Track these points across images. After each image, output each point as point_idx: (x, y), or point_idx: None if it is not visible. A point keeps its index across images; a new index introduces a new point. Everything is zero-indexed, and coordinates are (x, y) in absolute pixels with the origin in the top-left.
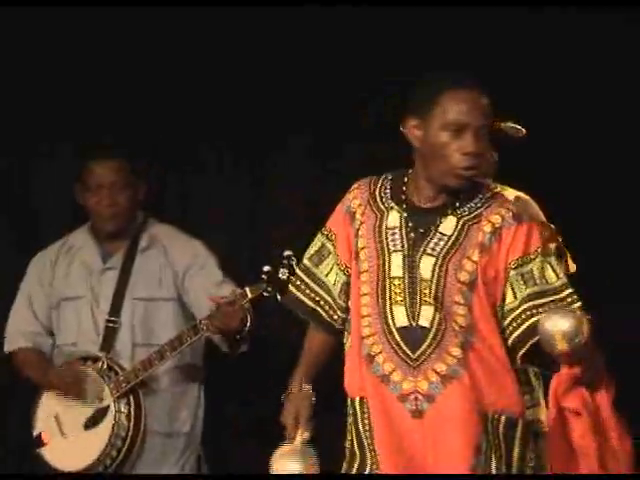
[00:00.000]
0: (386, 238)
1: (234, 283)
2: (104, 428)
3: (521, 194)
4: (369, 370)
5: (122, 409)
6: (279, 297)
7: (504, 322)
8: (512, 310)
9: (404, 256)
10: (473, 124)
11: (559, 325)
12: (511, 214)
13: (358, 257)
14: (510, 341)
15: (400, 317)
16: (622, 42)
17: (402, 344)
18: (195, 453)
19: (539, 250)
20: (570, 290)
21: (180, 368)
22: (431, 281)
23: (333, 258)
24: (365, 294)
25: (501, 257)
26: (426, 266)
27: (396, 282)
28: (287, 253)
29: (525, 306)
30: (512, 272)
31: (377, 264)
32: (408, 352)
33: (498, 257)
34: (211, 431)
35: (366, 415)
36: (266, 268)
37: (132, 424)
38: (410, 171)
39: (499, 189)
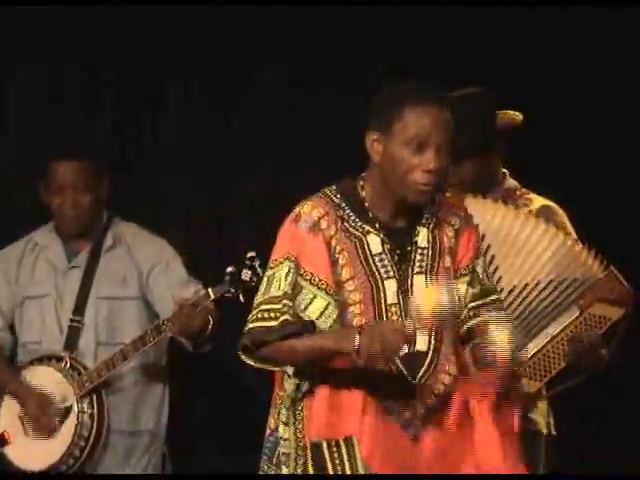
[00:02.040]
0: (375, 265)
1: (198, 282)
2: (67, 428)
3: (550, 203)
4: (368, 403)
5: (85, 409)
6: (242, 298)
7: None
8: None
9: (397, 281)
10: (435, 140)
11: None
12: (463, 214)
13: (344, 287)
14: None
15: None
16: (613, 41)
17: (403, 370)
18: (159, 451)
19: (478, 255)
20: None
21: (143, 367)
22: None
23: (313, 290)
24: (360, 326)
25: (458, 258)
26: (419, 287)
27: (393, 309)
28: (250, 254)
29: (470, 306)
30: (465, 273)
31: (370, 293)
32: (409, 378)
33: (457, 259)
34: (175, 429)
35: (346, 456)
36: (229, 269)
37: (95, 423)
38: (361, 183)
39: (529, 194)
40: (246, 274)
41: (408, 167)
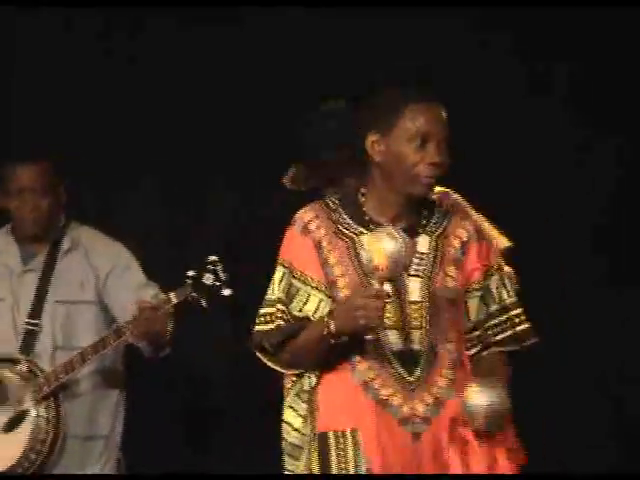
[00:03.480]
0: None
1: (157, 286)
2: (24, 431)
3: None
4: (365, 397)
5: (42, 413)
6: (204, 303)
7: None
8: (475, 327)
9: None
10: (436, 135)
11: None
12: (473, 228)
13: (335, 285)
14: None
15: (394, 341)
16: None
17: (399, 367)
18: (114, 456)
19: (495, 268)
20: (520, 310)
21: (100, 371)
22: (420, 303)
23: (307, 289)
24: None
25: (466, 273)
26: (414, 288)
27: (387, 307)
28: (212, 258)
29: (487, 325)
30: (476, 289)
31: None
32: (405, 376)
33: (466, 272)
34: (131, 434)
35: (351, 447)
36: (191, 273)
37: (52, 428)
38: (362, 190)
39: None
40: (208, 278)
41: (413, 162)
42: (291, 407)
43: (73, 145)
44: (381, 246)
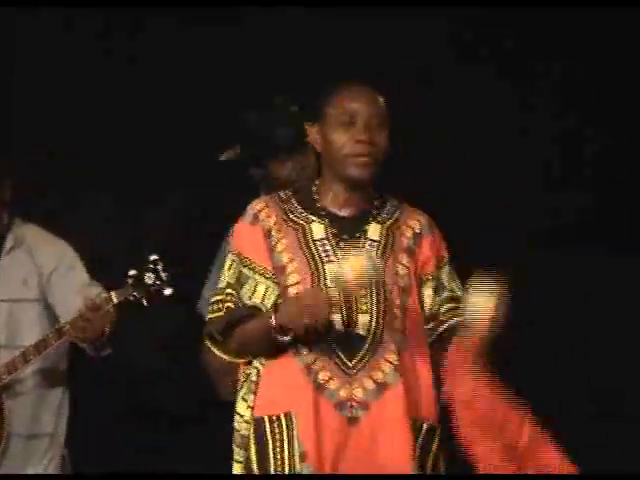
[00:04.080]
0: (316, 250)
1: (100, 285)
2: None
3: None
4: (304, 380)
5: None
6: (145, 302)
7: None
8: (432, 315)
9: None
10: (363, 115)
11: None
12: (426, 221)
13: (284, 271)
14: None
15: (337, 325)
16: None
17: (339, 352)
18: (59, 454)
19: (446, 261)
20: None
21: (43, 370)
22: (369, 289)
23: (255, 276)
24: None
25: (420, 264)
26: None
27: (331, 292)
28: (153, 257)
29: (443, 309)
30: (429, 280)
31: (310, 275)
32: (345, 360)
33: (418, 263)
34: (75, 432)
35: (286, 432)
36: (132, 272)
37: None
38: (316, 182)
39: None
40: (149, 277)
41: (341, 142)
42: (243, 398)
43: (73, 145)
44: (358, 265)
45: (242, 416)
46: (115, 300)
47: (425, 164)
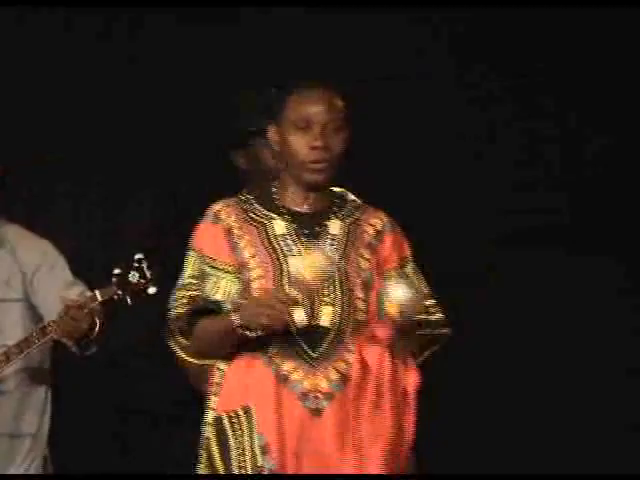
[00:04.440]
0: (278, 245)
1: (84, 284)
2: None
3: None
4: (267, 372)
5: None
6: (129, 300)
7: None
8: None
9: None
10: (319, 120)
11: (401, 296)
12: (388, 220)
13: (247, 266)
14: None
15: (300, 317)
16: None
17: (302, 344)
18: (41, 454)
19: (409, 259)
20: (434, 300)
21: (27, 369)
22: (332, 281)
23: (218, 273)
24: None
25: (381, 261)
26: (325, 267)
27: (295, 284)
28: (138, 256)
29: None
30: (393, 274)
31: (273, 269)
32: (309, 351)
33: (381, 259)
34: (58, 431)
35: (246, 425)
36: (116, 271)
37: None
38: (275, 183)
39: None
40: (134, 276)
41: (297, 147)
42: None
43: (52, 144)
44: (316, 264)
45: (205, 420)
46: (99, 298)
47: (391, 162)
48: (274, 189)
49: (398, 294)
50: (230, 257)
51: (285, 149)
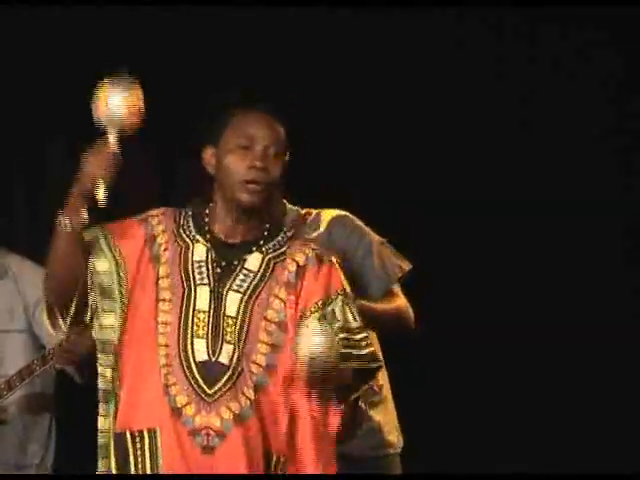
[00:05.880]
0: (192, 271)
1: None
2: None
3: (339, 212)
4: (162, 402)
5: None
6: None
7: None
8: None
9: (211, 290)
10: (260, 141)
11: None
12: (314, 254)
13: (157, 284)
14: None
15: (200, 351)
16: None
17: (199, 378)
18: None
19: (339, 292)
20: (365, 334)
21: (30, 398)
22: (236, 318)
23: (113, 278)
24: (165, 323)
25: (303, 297)
26: (232, 302)
27: (200, 316)
28: None
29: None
30: (314, 314)
31: (182, 295)
32: (204, 387)
33: (300, 296)
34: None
35: (149, 448)
36: None
37: None
38: (210, 205)
39: (314, 212)
40: None
41: (235, 167)
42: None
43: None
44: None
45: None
46: None
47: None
48: (206, 211)
49: (304, 347)
50: (139, 271)
51: (222, 170)
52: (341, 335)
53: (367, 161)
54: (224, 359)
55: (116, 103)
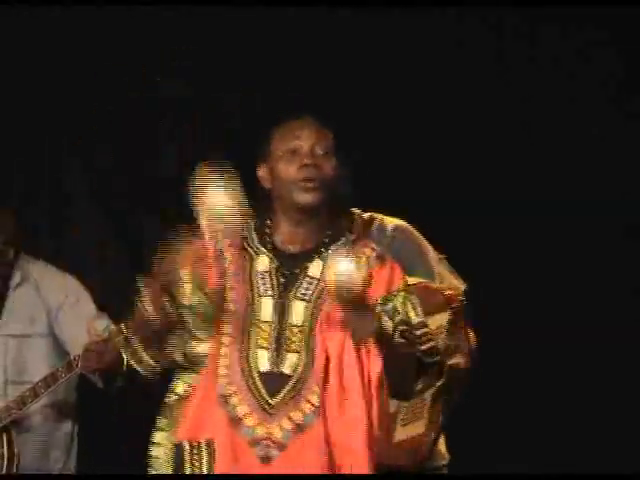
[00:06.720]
0: (256, 282)
1: (109, 317)
2: None
3: (400, 221)
4: (222, 411)
5: None
6: None
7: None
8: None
9: (275, 301)
10: (306, 142)
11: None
12: (375, 255)
13: (226, 294)
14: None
15: (263, 362)
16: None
17: (261, 388)
18: None
19: (400, 288)
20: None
21: (53, 405)
22: (302, 326)
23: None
24: (226, 334)
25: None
26: (297, 311)
27: (264, 327)
28: None
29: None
30: (377, 309)
31: (245, 307)
32: (266, 397)
33: None
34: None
35: (206, 459)
36: None
37: (5, 464)
38: (271, 216)
39: (378, 219)
40: None
41: (287, 172)
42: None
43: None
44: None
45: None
46: (125, 332)
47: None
48: (268, 222)
49: (331, 274)
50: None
51: (275, 179)
52: (400, 328)
53: (366, 161)
54: (287, 369)
55: (221, 212)
